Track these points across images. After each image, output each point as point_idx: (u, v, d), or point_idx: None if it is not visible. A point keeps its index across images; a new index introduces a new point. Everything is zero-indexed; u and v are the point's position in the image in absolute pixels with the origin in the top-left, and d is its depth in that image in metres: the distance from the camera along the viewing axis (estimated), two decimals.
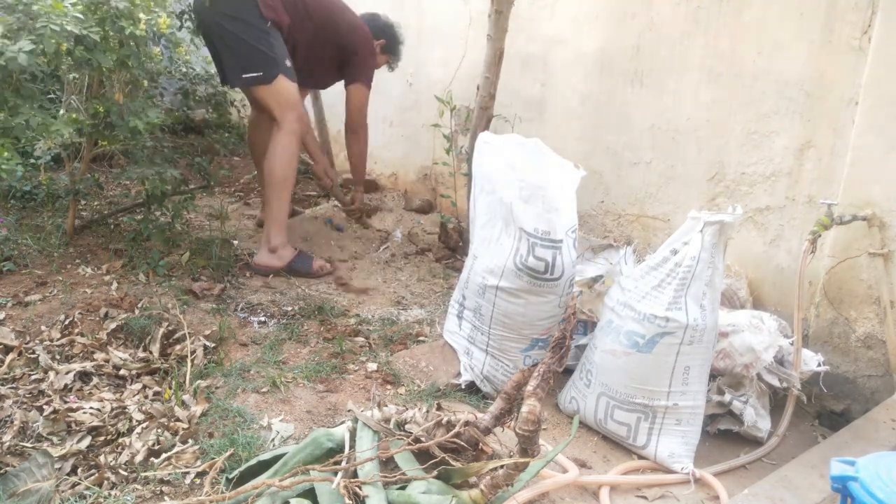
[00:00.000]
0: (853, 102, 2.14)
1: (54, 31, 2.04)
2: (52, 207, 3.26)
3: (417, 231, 3.64)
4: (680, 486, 1.80)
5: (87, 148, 2.94)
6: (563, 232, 2.04)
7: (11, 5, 2.07)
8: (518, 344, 2.12)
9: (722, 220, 1.82)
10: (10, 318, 2.31)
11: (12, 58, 1.95)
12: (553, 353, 1.55)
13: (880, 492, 1.19)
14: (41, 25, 2.03)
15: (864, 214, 2.06)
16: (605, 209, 2.98)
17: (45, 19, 2.04)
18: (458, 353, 2.23)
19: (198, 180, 3.58)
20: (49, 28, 2.03)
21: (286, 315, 2.55)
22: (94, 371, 2.10)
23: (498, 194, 2.08)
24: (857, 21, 2.13)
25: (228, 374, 2.09)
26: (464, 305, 2.23)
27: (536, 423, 1.47)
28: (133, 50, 2.51)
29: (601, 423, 1.96)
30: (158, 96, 3.42)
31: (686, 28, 2.58)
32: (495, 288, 2.07)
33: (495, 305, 2.09)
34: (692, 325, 1.82)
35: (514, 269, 2.03)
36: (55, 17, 2.06)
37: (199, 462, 1.68)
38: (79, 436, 1.80)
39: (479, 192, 2.18)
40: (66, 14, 2.10)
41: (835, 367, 2.16)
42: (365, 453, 1.55)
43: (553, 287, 2.06)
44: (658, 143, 2.73)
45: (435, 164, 3.83)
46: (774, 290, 2.44)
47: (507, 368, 2.11)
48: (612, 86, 2.83)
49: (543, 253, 2.02)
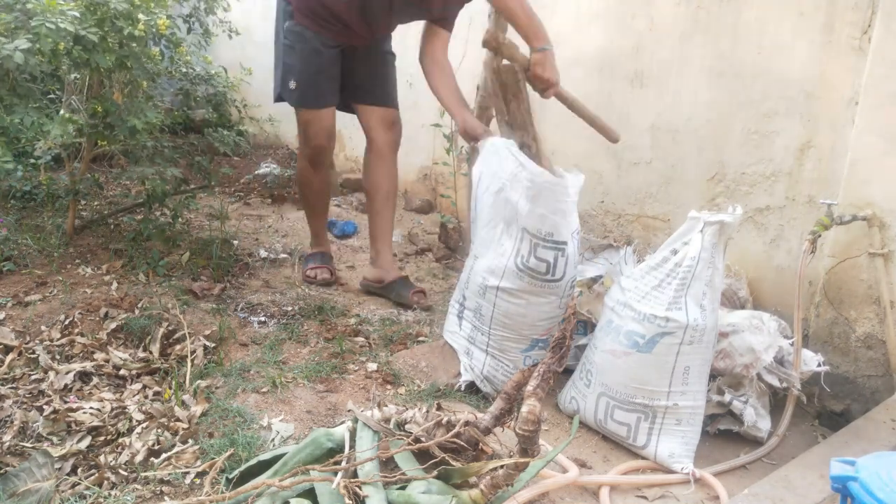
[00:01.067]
0: (853, 102, 2.14)
1: (50, 29, 2.03)
2: (52, 207, 3.26)
3: (417, 231, 3.64)
4: (680, 486, 1.80)
5: (87, 148, 2.94)
6: (568, 234, 2.04)
7: (9, 4, 2.06)
8: (518, 344, 2.12)
9: (722, 220, 1.82)
10: (10, 318, 2.31)
11: (8, 56, 1.95)
12: (553, 353, 1.55)
13: (880, 492, 1.19)
14: (37, 23, 2.03)
15: (864, 214, 2.06)
16: (605, 209, 2.98)
17: (41, 17, 2.04)
18: (458, 353, 2.23)
19: (198, 180, 3.58)
20: (44, 26, 2.03)
21: (286, 315, 2.55)
22: (94, 371, 2.10)
23: (504, 193, 2.07)
24: (857, 21, 2.13)
25: (228, 374, 2.09)
26: (464, 305, 2.23)
27: (536, 423, 1.47)
28: (132, 50, 2.50)
29: (601, 423, 1.96)
30: (158, 96, 3.42)
31: (686, 28, 2.58)
32: (496, 288, 2.07)
33: (496, 306, 2.09)
34: (692, 325, 1.82)
35: (515, 269, 2.03)
36: (50, 15, 2.05)
37: (199, 462, 1.68)
38: (79, 436, 1.80)
39: (482, 192, 2.18)
40: (62, 12, 2.09)
41: (835, 367, 2.16)
42: (365, 453, 1.55)
43: (554, 288, 2.06)
44: (658, 143, 2.73)
45: (435, 164, 3.82)
46: (774, 290, 2.44)
47: (507, 369, 2.11)
48: (612, 86, 2.83)
49: (545, 254, 2.02)
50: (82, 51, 2.25)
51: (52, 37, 2.05)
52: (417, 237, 3.54)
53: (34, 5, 2.04)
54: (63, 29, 2.06)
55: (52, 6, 2.08)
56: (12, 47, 1.96)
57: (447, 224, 3.39)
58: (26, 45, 1.98)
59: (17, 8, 2.07)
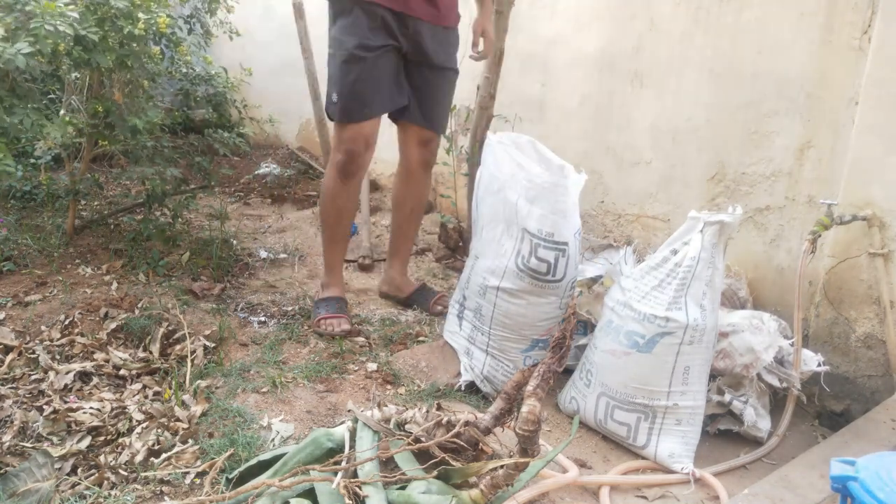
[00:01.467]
0: (853, 102, 2.14)
1: (49, 31, 2.03)
2: (52, 207, 3.26)
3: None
4: (680, 486, 1.80)
5: (87, 148, 2.94)
6: (570, 234, 2.03)
7: (9, 4, 2.06)
8: (518, 344, 2.12)
9: (722, 220, 1.82)
10: (10, 318, 2.31)
11: (10, 60, 1.95)
12: (553, 353, 1.55)
13: (880, 492, 1.19)
14: (36, 25, 2.02)
15: (864, 214, 2.06)
16: (605, 209, 2.98)
17: (40, 19, 2.03)
18: (458, 353, 2.23)
19: (198, 180, 3.58)
20: (44, 28, 2.03)
21: (286, 315, 2.55)
22: (94, 371, 2.10)
23: (503, 194, 2.07)
24: (857, 21, 2.13)
25: (228, 374, 2.09)
26: (464, 306, 2.23)
27: (536, 423, 1.47)
28: (133, 50, 2.50)
29: (601, 423, 1.96)
30: (158, 96, 3.42)
31: (686, 28, 2.58)
32: (496, 288, 2.07)
33: (496, 306, 2.09)
34: (692, 325, 1.82)
35: (516, 269, 2.03)
36: (49, 17, 2.05)
37: (199, 462, 1.68)
38: (79, 436, 1.80)
39: (483, 193, 2.18)
40: (61, 14, 2.09)
41: (835, 367, 2.16)
42: (365, 453, 1.55)
43: (555, 289, 2.06)
44: (658, 143, 2.73)
45: (435, 164, 3.82)
46: (774, 290, 2.44)
47: (507, 369, 2.11)
48: (612, 86, 2.83)
49: (546, 254, 2.02)
50: (83, 51, 2.25)
51: (53, 38, 2.05)
52: (417, 237, 3.54)
53: (34, 6, 2.04)
54: (62, 31, 2.05)
55: (52, 8, 2.07)
56: (14, 51, 1.96)
57: (447, 224, 3.38)
58: (28, 49, 1.98)
59: (17, 8, 2.07)
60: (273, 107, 4.69)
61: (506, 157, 2.11)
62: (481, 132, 3.00)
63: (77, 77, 2.76)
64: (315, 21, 3.89)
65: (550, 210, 2.01)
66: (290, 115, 4.81)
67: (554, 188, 2.00)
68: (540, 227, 2.01)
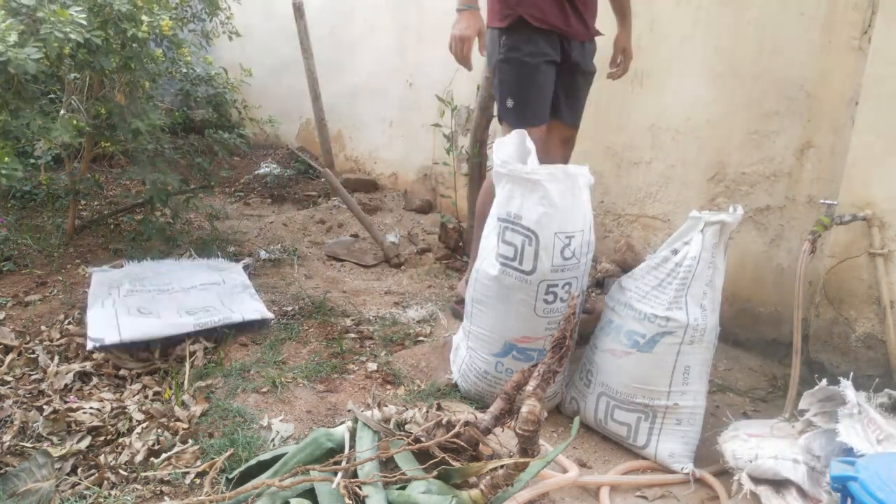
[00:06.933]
0: (853, 102, 2.14)
1: (58, 37, 2.04)
2: (52, 207, 3.27)
3: (417, 231, 3.64)
4: (680, 486, 1.79)
5: (87, 148, 2.94)
6: (546, 231, 1.88)
7: (15, 9, 2.07)
8: (491, 345, 2.01)
9: (722, 220, 1.82)
10: (10, 318, 2.31)
11: (21, 65, 1.96)
12: (553, 353, 1.55)
13: (880, 492, 1.19)
14: (46, 31, 2.03)
15: (864, 214, 2.06)
16: (605, 209, 2.98)
17: (50, 26, 2.04)
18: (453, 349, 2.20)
19: (198, 180, 3.58)
20: (54, 34, 2.03)
21: (286, 315, 2.55)
22: (93, 371, 2.10)
23: (498, 187, 2.04)
24: (857, 21, 2.13)
25: (228, 375, 2.09)
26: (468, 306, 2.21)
27: (536, 423, 1.47)
28: (135, 51, 2.51)
29: (601, 424, 1.96)
30: (158, 97, 3.42)
31: (686, 28, 2.58)
32: (476, 270, 2.01)
33: (474, 291, 2.02)
34: (692, 324, 1.82)
35: (494, 259, 1.96)
36: (59, 24, 2.06)
37: (199, 462, 1.68)
38: (79, 436, 1.80)
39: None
40: (72, 21, 2.09)
41: (835, 367, 2.16)
42: (365, 453, 1.55)
43: (525, 282, 1.90)
44: (658, 143, 2.73)
45: (435, 164, 3.83)
46: (774, 290, 2.44)
47: (478, 370, 2.04)
48: (612, 85, 2.83)
49: (512, 237, 1.91)
50: (87, 53, 2.25)
51: (60, 43, 2.06)
52: (417, 237, 3.55)
53: (46, 13, 2.05)
54: (72, 38, 2.06)
55: (64, 16, 2.08)
56: (24, 56, 1.97)
57: (447, 224, 3.39)
58: (37, 54, 1.99)
59: (24, 12, 2.07)
60: (273, 107, 4.70)
61: (505, 154, 2.09)
62: (481, 132, 3.00)
63: (76, 77, 2.76)
64: (315, 21, 3.90)
65: (519, 192, 1.91)
66: (290, 115, 4.82)
67: (521, 174, 1.91)
68: (507, 207, 1.93)
